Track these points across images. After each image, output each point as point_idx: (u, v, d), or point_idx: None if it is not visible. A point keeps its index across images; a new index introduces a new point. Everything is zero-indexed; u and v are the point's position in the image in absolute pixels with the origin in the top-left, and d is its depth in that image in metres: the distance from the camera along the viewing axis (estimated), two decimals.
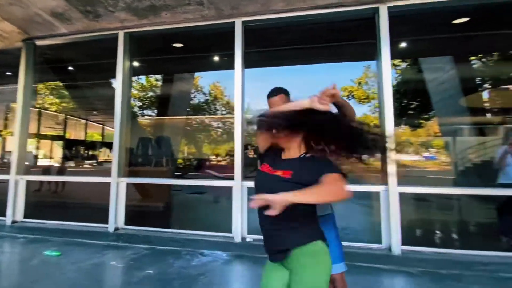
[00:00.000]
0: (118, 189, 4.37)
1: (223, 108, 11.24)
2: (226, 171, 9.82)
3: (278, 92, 1.96)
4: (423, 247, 3.68)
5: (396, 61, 10.27)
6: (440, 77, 7.46)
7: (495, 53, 8.01)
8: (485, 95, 9.16)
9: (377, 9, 3.79)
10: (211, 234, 4.12)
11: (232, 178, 4.06)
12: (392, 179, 3.64)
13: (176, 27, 4.29)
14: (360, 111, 13.74)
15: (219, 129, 11.53)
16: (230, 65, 4.25)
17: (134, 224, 4.39)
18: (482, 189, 3.83)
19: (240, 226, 3.96)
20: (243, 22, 4.06)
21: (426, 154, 18.29)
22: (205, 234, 4.15)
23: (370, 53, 4.19)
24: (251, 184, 4.21)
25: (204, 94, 10.69)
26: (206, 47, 5.50)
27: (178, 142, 8.36)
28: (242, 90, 4.06)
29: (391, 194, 3.62)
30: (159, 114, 8.46)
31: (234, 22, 4.07)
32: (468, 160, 9.21)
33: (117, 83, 4.44)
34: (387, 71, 3.78)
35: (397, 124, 12.49)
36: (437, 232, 4.94)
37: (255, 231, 4.08)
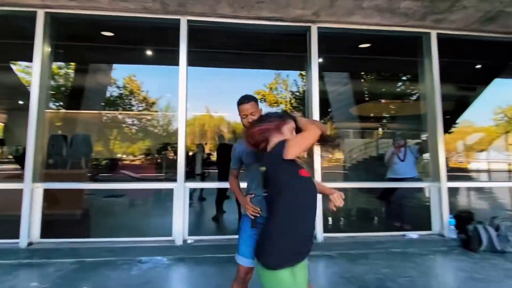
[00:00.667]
0: (33, 197, 3.61)
1: (140, 104, 10.25)
2: (141, 171, 9.08)
3: (250, 99, 2.04)
4: (338, 233, 4.33)
5: (303, 72, 11.46)
6: (339, 89, 8.78)
7: (374, 72, 9.91)
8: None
9: (309, 27, 4.26)
10: (148, 240, 3.86)
11: (152, 179, 3.89)
12: (318, 175, 4.15)
13: (111, 15, 3.80)
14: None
15: (134, 126, 10.49)
16: (165, 61, 4.06)
17: (52, 236, 3.71)
18: (384, 183, 4.81)
19: (182, 228, 3.83)
20: (189, 21, 3.93)
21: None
22: (141, 240, 3.85)
23: (298, 64, 4.66)
24: (193, 185, 4.12)
25: (118, 87, 9.56)
26: (141, 40, 5.03)
27: (93, 140, 7.30)
28: (186, 88, 3.93)
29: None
30: (67, 107, 7.17)
31: (179, 19, 3.89)
32: (354, 158, 11.12)
33: (34, 70, 3.63)
34: (315, 81, 4.30)
35: None
36: (345, 219, 5.83)
37: (196, 232, 4.03)
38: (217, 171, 5.66)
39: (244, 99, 2.04)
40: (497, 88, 7.24)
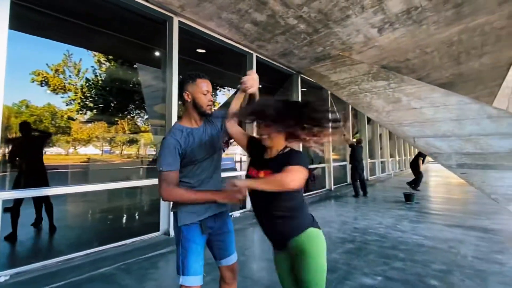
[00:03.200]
0: None
1: None
2: None
3: (206, 76, 1.72)
4: None
5: (102, 58, 9.66)
6: (155, 85, 8.23)
7: None
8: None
9: (171, 18, 3.87)
10: None
11: None
12: None
13: None
14: (49, 100, 11.01)
15: None
16: None
17: None
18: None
19: None
20: None
21: (106, 148, 18.21)
22: None
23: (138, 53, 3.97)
24: (6, 195, 2.54)
25: None
26: None
27: None
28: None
29: None
30: None
31: None
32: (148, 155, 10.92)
33: None
34: (175, 77, 3.98)
35: (98, 120, 11.62)
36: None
37: (9, 262, 2.53)
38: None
39: (203, 75, 1.64)
40: None
